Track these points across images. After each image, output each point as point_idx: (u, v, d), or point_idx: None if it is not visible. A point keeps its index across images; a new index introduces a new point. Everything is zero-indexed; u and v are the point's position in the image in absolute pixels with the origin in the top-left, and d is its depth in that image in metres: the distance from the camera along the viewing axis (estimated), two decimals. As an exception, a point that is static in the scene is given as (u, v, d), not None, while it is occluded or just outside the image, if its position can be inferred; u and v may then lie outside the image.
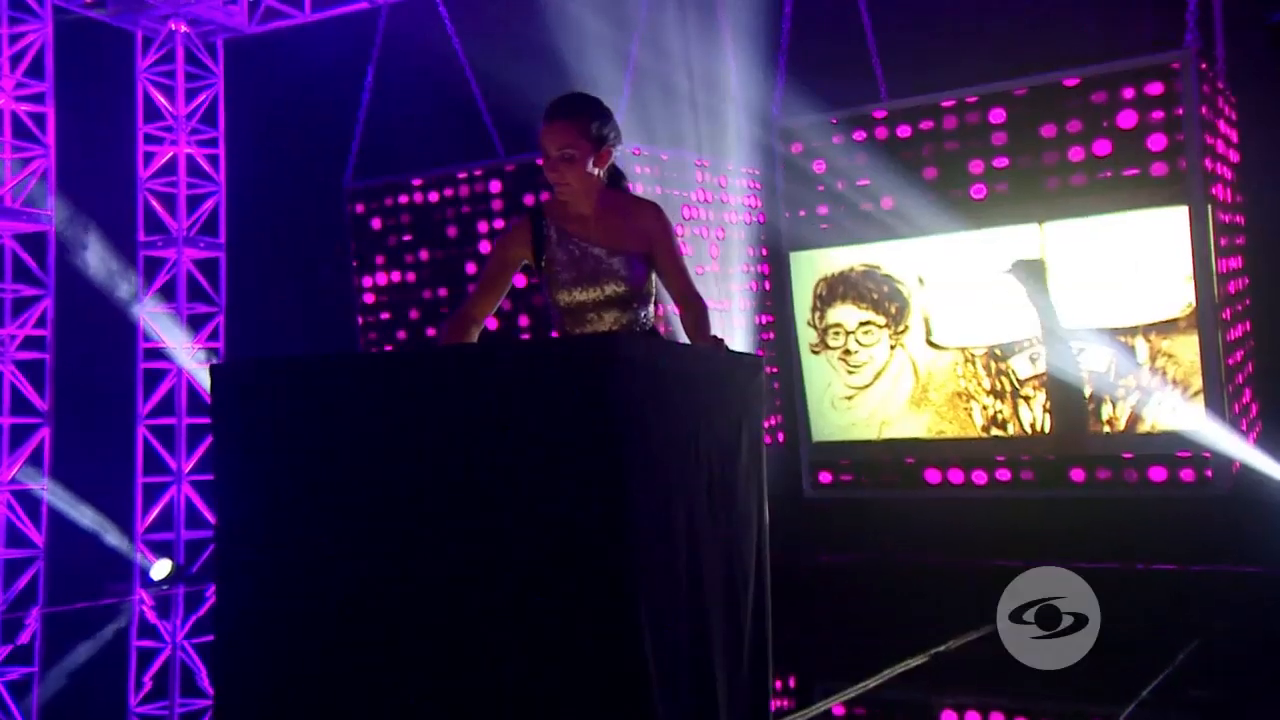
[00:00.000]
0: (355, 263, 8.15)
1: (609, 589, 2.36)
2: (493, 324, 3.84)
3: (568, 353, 2.60)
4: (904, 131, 6.76)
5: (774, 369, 7.55)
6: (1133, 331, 6.28)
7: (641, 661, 2.36)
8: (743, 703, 2.81)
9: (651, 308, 3.32)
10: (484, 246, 7.56)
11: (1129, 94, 6.22)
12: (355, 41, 8.39)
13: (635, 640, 2.36)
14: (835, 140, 6.91)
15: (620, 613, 2.36)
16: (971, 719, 4.60)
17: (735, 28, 7.47)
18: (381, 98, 8.16)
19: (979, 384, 6.71)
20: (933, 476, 6.77)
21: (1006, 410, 6.65)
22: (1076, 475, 6.50)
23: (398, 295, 8.02)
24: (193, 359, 9.11)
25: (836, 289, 6.99)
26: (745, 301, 7.63)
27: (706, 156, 7.46)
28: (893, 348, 6.88)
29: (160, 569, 8.43)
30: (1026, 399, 6.59)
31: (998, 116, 6.54)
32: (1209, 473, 6.13)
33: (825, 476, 7.07)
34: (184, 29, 9.08)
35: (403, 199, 7.97)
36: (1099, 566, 6.32)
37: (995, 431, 6.68)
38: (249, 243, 9.34)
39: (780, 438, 7.59)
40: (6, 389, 8.43)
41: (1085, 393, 6.41)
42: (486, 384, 2.48)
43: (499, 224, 7.51)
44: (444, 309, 7.72)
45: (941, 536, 6.78)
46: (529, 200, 7.33)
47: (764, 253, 7.92)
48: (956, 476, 6.74)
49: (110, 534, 8.72)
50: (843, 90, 7.04)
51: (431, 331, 7.74)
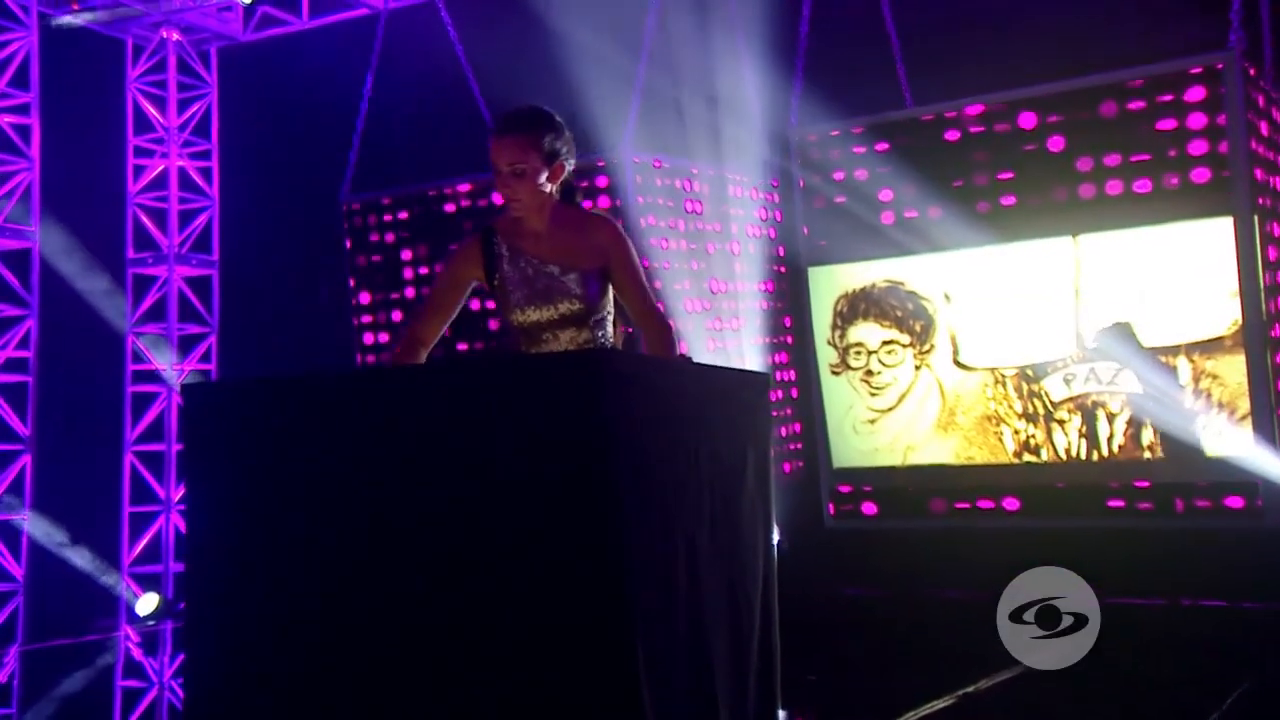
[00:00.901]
0: (352, 280, 8.12)
1: (601, 624, 2.32)
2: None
3: (554, 367, 2.56)
4: (929, 140, 6.71)
5: (793, 391, 7.52)
6: (1174, 351, 6.22)
7: (637, 702, 2.30)
8: (750, 744, 2.75)
9: (611, 327, 3.32)
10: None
11: (1169, 98, 6.18)
12: (354, 49, 8.38)
13: (631, 680, 2.30)
14: (856, 149, 6.88)
15: (614, 648, 2.31)
16: (1003, 766, 4.50)
17: (750, 32, 7.44)
18: (381, 107, 8.14)
19: (1010, 407, 6.65)
20: (961, 506, 6.70)
21: (1040, 435, 6.58)
22: (1115, 504, 6.40)
23: (398, 313, 7.97)
24: (184, 382, 9.06)
25: (858, 306, 6.95)
26: (761, 320, 7.59)
27: (720, 167, 7.43)
28: (918, 368, 6.83)
29: (147, 604, 8.35)
30: (1061, 423, 6.53)
31: (1028, 122, 6.49)
32: (1259, 502, 6.03)
33: (847, 505, 7.00)
34: (176, 37, 9.08)
35: (403, 214, 7.94)
36: (1142, 603, 6.23)
37: (1028, 458, 6.62)
38: (243, 260, 9.30)
39: (799, 464, 7.54)
40: (-13, 414, 8.39)
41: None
42: (467, 402, 2.44)
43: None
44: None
45: (970, 569, 6.60)
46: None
47: (781, 268, 7.86)
48: (986, 505, 6.66)
49: (94, 565, 8.66)
50: (864, 97, 7.03)
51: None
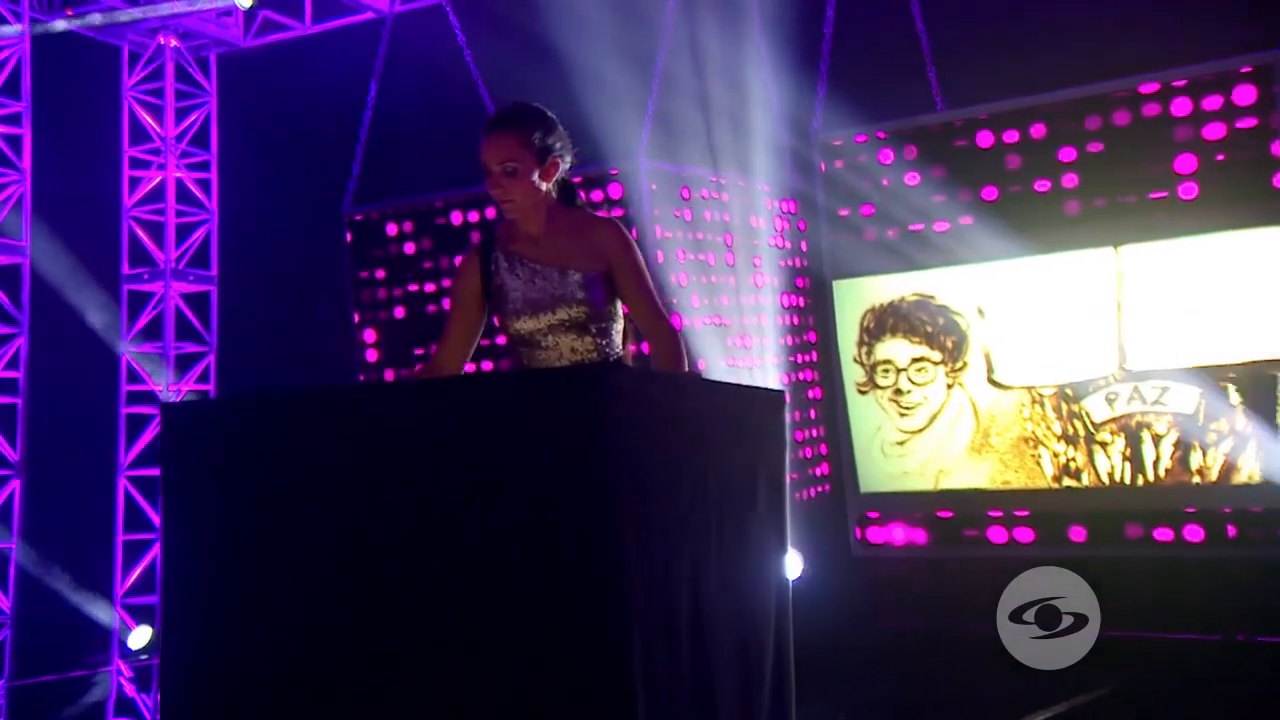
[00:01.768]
0: (353, 296, 8.11)
1: (598, 659, 2.29)
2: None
3: (549, 383, 2.53)
4: (961, 145, 6.69)
5: (815, 411, 7.48)
6: (1224, 369, 6.12)
7: (635, 742, 2.26)
8: (759, 798, 2.73)
9: (617, 337, 3.31)
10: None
11: (1216, 102, 6.13)
12: (359, 56, 8.39)
13: (629, 716, 2.27)
14: (883, 155, 6.86)
15: (612, 686, 2.28)
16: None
17: (771, 33, 7.41)
18: (386, 115, 8.13)
19: (1048, 428, 6.59)
20: (997, 534, 6.64)
21: (1080, 458, 6.52)
22: (1162, 535, 6.31)
23: (402, 331, 7.95)
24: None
25: (886, 321, 6.93)
26: (782, 336, 7.52)
27: (739, 175, 7.39)
28: (950, 387, 6.79)
29: (140, 637, 8.31)
30: (1103, 445, 6.47)
31: (1066, 128, 6.44)
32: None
33: (875, 533, 6.95)
34: (174, 43, 9.10)
35: (408, 225, 7.92)
36: (1192, 638, 6.13)
37: (1068, 482, 6.56)
38: (243, 275, 9.28)
39: (823, 488, 7.50)
40: (-26, 438, 8.39)
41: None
42: (459, 421, 2.43)
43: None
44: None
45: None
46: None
47: (804, 282, 7.80)
48: (1024, 534, 6.60)
49: (86, 598, 8.65)
50: (892, 100, 7.00)
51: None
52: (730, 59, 7.27)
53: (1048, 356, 6.57)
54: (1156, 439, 6.37)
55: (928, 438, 6.86)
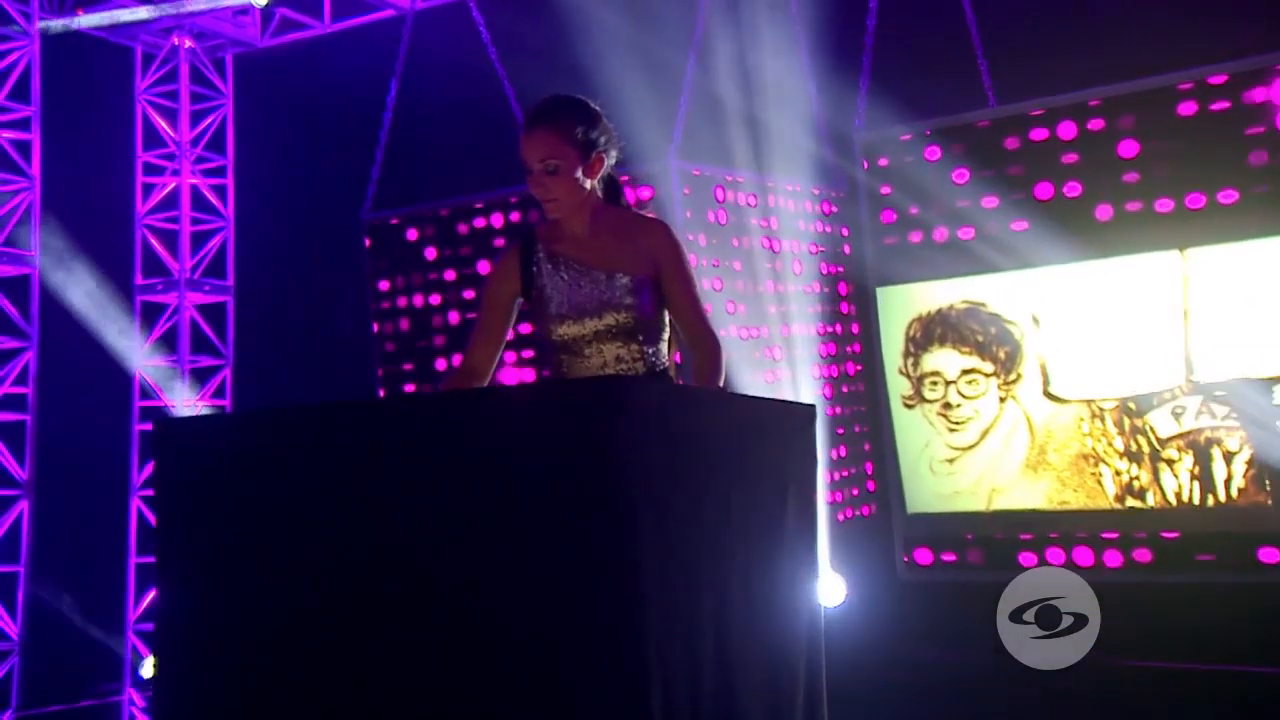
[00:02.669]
0: (373, 306, 8.13)
1: (615, 692, 2.25)
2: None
3: (564, 398, 2.47)
4: (1012, 143, 6.62)
5: (860, 426, 7.43)
6: (1297, 381, 6.05)
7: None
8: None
9: (665, 345, 3.29)
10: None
11: (1293, 92, 6.03)
12: (380, 55, 8.42)
13: None
14: (930, 154, 6.79)
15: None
16: None
17: (810, 25, 7.37)
18: (407, 116, 8.13)
19: (1110, 444, 6.50)
20: (1056, 556, 6.55)
21: (1145, 476, 6.44)
22: (1235, 559, 6.23)
23: (423, 342, 7.95)
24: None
25: (933, 330, 6.87)
26: (822, 347, 7.49)
27: (776, 177, 7.33)
28: (1003, 400, 6.72)
29: (152, 665, 8.36)
30: (1170, 463, 6.39)
31: (1127, 122, 6.36)
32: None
33: (923, 555, 6.88)
34: (189, 44, 9.18)
35: (430, 231, 7.91)
36: (1268, 671, 6.00)
37: (1132, 502, 6.47)
38: (260, 285, 9.31)
39: (868, 509, 7.45)
40: (-18, 455, 8.46)
41: None
42: (462, 439, 2.40)
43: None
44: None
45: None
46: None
47: (846, 289, 7.76)
48: (1085, 557, 6.50)
49: (97, 624, 8.69)
50: (939, 95, 6.93)
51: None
52: (767, 53, 7.24)
53: (1108, 368, 6.48)
54: (1228, 456, 6.27)
55: (979, 454, 6.79)
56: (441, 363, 7.89)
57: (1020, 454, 6.70)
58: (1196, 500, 6.33)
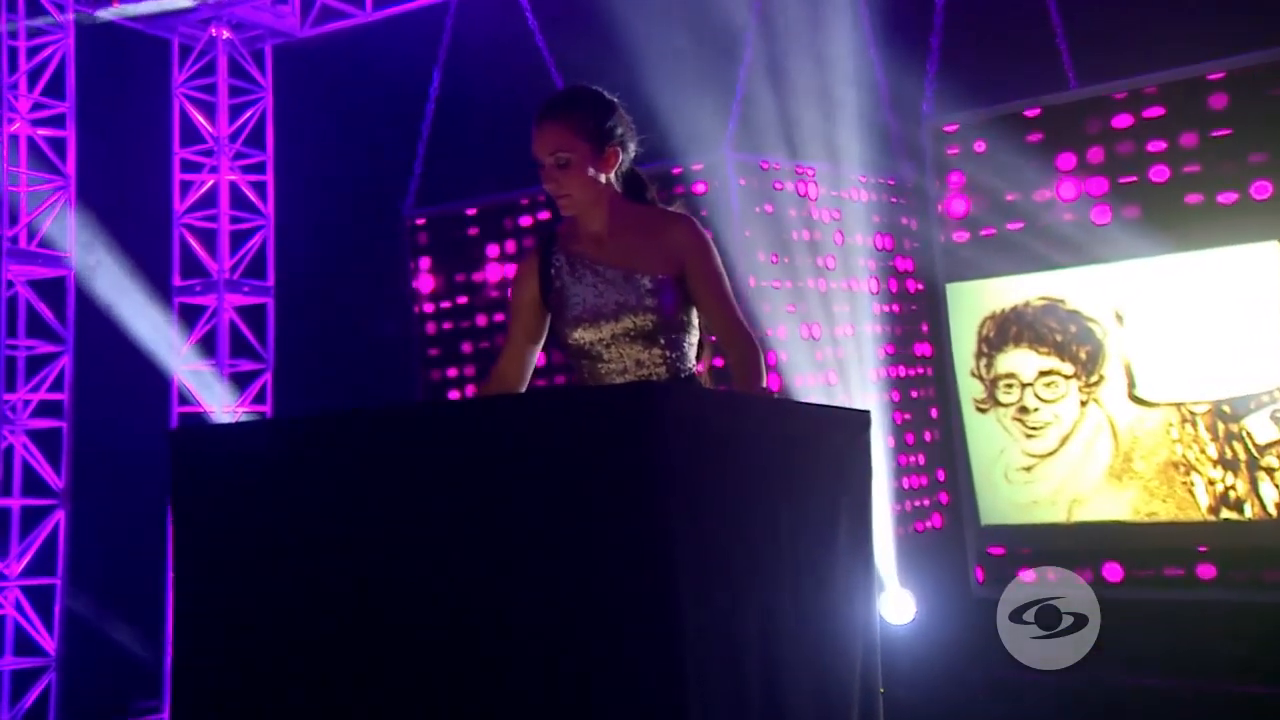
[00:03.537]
0: (416, 308, 8.15)
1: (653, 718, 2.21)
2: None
3: (592, 405, 2.43)
4: (1094, 127, 6.52)
5: (929, 432, 7.38)
6: None
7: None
8: None
9: (690, 349, 3.28)
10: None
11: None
12: (425, 44, 8.45)
13: None
14: (1004, 141, 6.72)
15: None
16: None
17: (874, 4, 7.35)
18: (450, 107, 8.14)
19: (1202, 451, 6.41)
20: (1143, 573, 6.51)
21: (1241, 486, 6.34)
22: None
23: (468, 344, 7.94)
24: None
25: (1008, 329, 6.80)
26: (887, 347, 7.42)
27: (838, 167, 7.29)
28: (1084, 404, 6.64)
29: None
30: (1269, 471, 6.29)
31: (1219, 102, 6.25)
32: None
33: (999, 570, 6.76)
34: (226, 35, 9.25)
35: (473, 231, 7.90)
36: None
37: (1226, 514, 6.37)
38: (301, 286, 9.36)
39: (938, 520, 7.39)
40: (18, 464, 8.53)
41: None
42: (486, 450, 2.37)
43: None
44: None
45: (1159, 651, 6.49)
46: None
47: (913, 285, 7.68)
48: (1174, 572, 6.43)
49: (136, 638, 8.78)
50: (1014, 77, 6.88)
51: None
52: (828, 35, 7.17)
53: (1200, 368, 6.39)
54: (1333, 463, 6.15)
55: (1059, 462, 6.71)
56: (489, 364, 7.88)
57: (1103, 462, 6.62)
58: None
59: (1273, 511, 6.27)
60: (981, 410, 6.89)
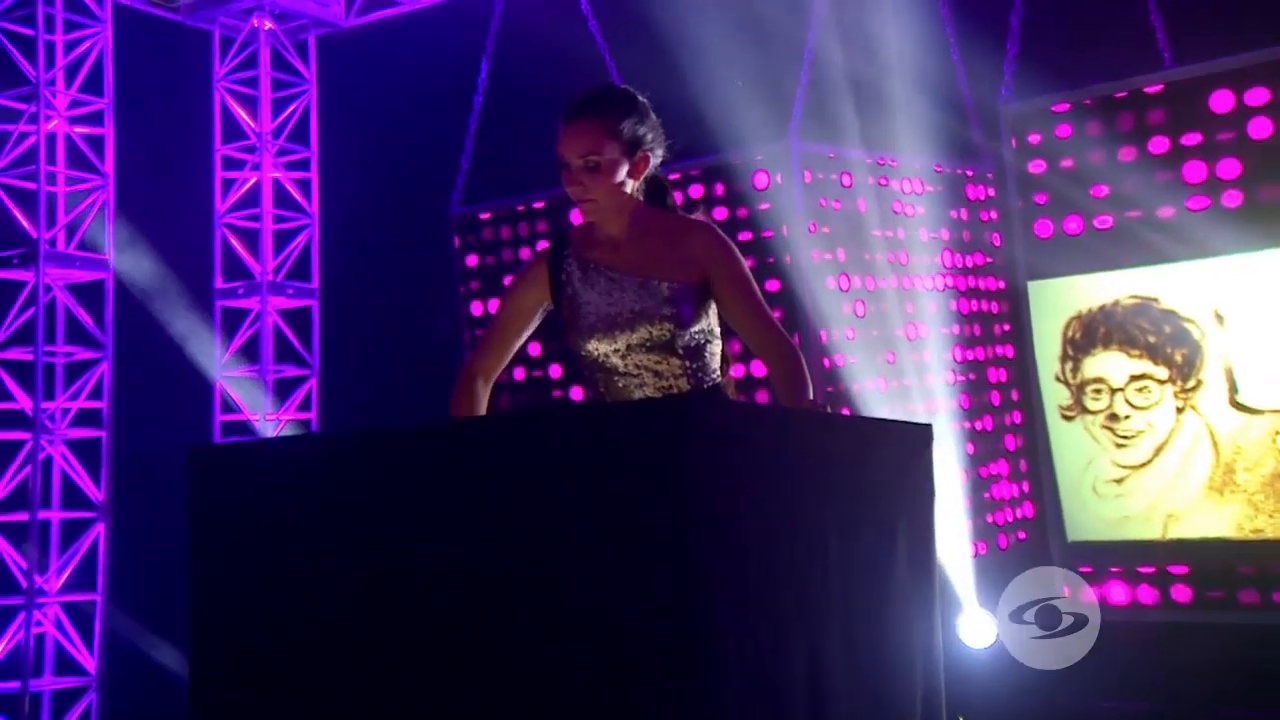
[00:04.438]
0: (463, 311, 8.13)
1: None
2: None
3: (615, 421, 2.37)
4: (1191, 110, 6.38)
5: (1009, 439, 7.30)
6: None
7: None
8: None
9: (713, 360, 3.29)
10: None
11: None
12: (475, 33, 8.43)
13: None
14: (1091, 128, 6.61)
15: None
16: None
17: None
18: (499, 100, 8.10)
19: None
20: (1248, 594, 6.37)
21: None
22: None
23: (534, 346, 7.88)
24: (280, 434, 9.18)
25: (1096, 330, 6.70)
26: (964, 350, 7.32)
27: (910, 157, 7.19)
28: (1180, 411, 6.53)
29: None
30: None
31: (1330, 81, 6.09)
32: None
33: (1089, 591, 6.53)
34: (269, 25, 9.27)
35: (522, 228, 7.85)
36: None
37: None
38: (348, 288, 9.40)
39: (1020, 536, 7.29)
40: (56, 476, 8.60)
41: None
42: (505, 468, 2.34)
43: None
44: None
45: (1270, 681, 6.34)
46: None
47: (992, 284, 7.58)
48: None
49: (178, 656, 8.82)
50: (1102, 57, 6.78)
51: (577, 393, 7.61)
52: (899, 15, 7.09)
53: (1309, 372, 6.24)
54: None
55: (1153, 474, 6.60)
56: (539, 371, 7.82)
57: (1202, 474, 6.49)
58: None
59: (1391, 527, 6.11)
60: (1067, 418, 6.78)
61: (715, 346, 3.29)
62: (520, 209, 7.92)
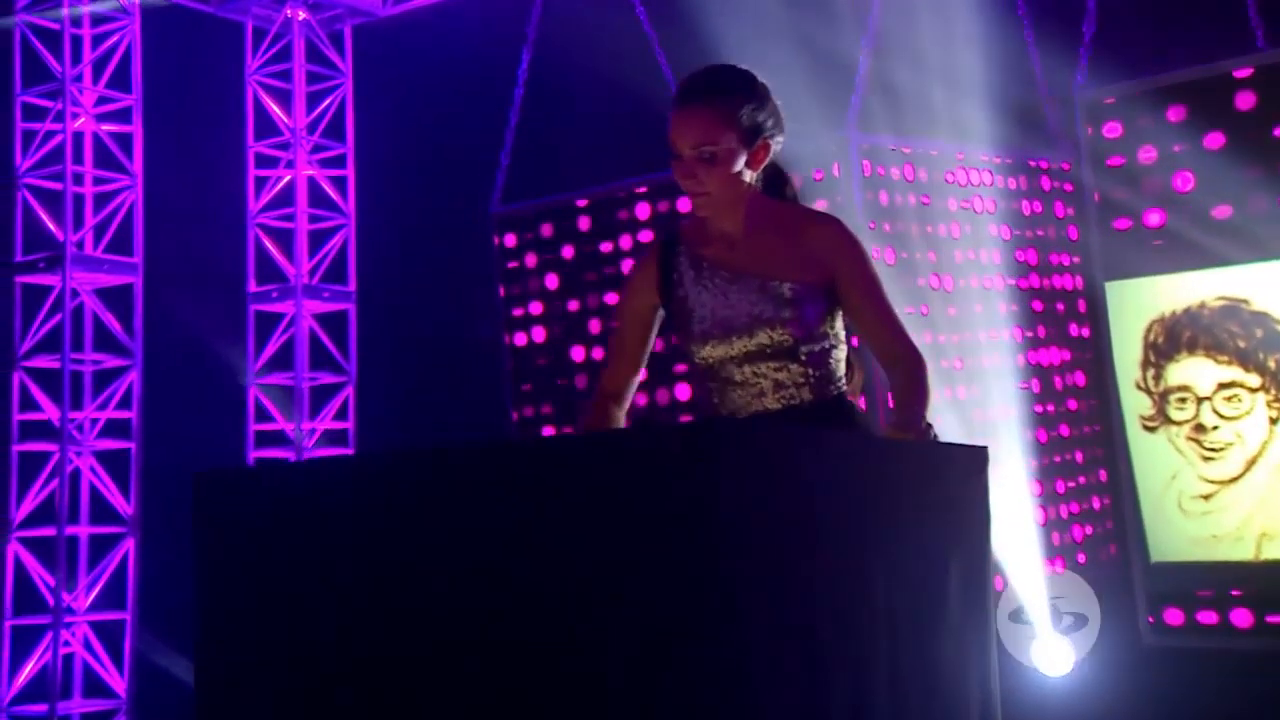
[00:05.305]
0: (504, 314, 8.10)
1: None
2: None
3: (644, 449, 2.31)
4: None
5: (1085, 453, 7.21)
6: None
7: None
8: None
9: (838, 366, 3.21)
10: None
11: None
12: (517, 22, 8.41)
13: None
14: (1173, 115, 6.45)
15: None
16: None
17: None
18: (541, 92, 8.10)
19: None
20: None
21: None
22: None
23: (579, 350, 7.84)
24: (315, 444, 9.17)
25: (1180, 335, 6.55)
26: (1036, 355, 7.22)
27: (977, 148, 7.10)
28: (1274, 421, 6.35)
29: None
30: None
31: None
32: None
33: (1174, 615, 6.54)
34: (303, 15, 9.25)
35: (566, 225, 7.82)
36: None
37: None
38: (386, 291, 9.40)
39: (1103, 555, 7.20)
40: (85, 489, 8.61)
41: None
42: (529, 498, 2.33)
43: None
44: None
45: None
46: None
47: (1066, 283, 7.45)
48: None
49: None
50: (1184, 41, 6.68)
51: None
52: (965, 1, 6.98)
53: None
54: None
55: (1244, 490, 6.42)
56: (583, 380, 7.79)
57: None
58: None
59: None
60: (1149, 429, 6.64)
61: (840, 352, 3.20)
62: (566, 206, 7.88)
